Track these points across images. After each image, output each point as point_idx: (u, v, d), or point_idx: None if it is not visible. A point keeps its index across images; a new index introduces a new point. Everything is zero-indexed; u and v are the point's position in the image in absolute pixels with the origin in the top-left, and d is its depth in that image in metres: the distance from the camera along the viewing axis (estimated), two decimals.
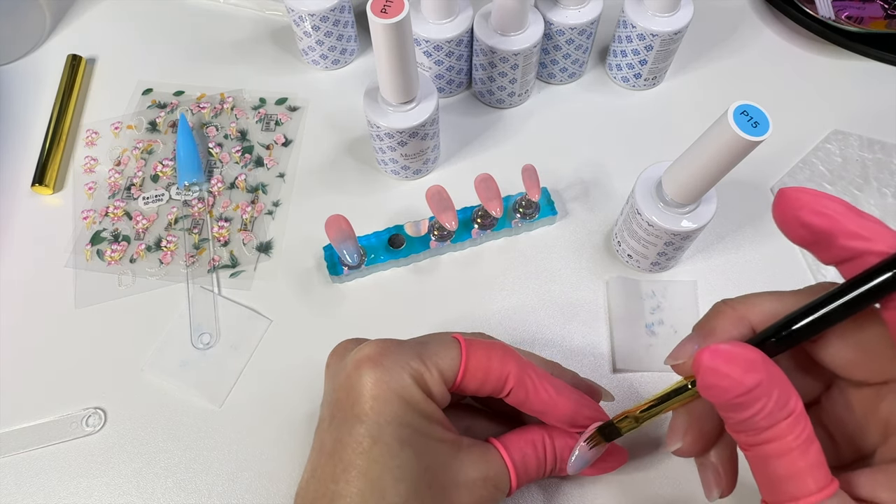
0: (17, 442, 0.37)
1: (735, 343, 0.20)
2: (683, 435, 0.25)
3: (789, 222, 0.21)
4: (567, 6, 0.44)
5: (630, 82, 0.49)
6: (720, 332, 0.23)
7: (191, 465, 0.36)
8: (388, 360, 0.27)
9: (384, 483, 0.25)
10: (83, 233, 0.43)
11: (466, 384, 0.28)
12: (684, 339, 0.24)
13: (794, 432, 0.20)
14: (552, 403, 0.29)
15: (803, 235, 0.21)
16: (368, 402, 0.26)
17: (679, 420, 0.25)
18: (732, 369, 0.19)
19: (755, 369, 0.19)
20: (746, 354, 0.20)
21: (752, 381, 0.19)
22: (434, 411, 0.28)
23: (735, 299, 0.24)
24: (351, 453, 0.26)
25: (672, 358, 0.24)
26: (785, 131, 0.46)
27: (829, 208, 0.20)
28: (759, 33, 0.53)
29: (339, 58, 0.50)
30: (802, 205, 0.20)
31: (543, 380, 0.29)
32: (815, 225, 0.20)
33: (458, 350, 0.28)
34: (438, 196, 0.39)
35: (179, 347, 0.39)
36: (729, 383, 0.19)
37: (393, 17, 0.32)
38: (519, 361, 0.29)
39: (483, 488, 0.28)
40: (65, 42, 0.53)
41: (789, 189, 0.21)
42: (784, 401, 0.20)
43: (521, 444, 0.30)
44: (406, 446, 0.26)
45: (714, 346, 0.20)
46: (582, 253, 0.42)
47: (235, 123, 0.48)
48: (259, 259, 0.42)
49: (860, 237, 0.19)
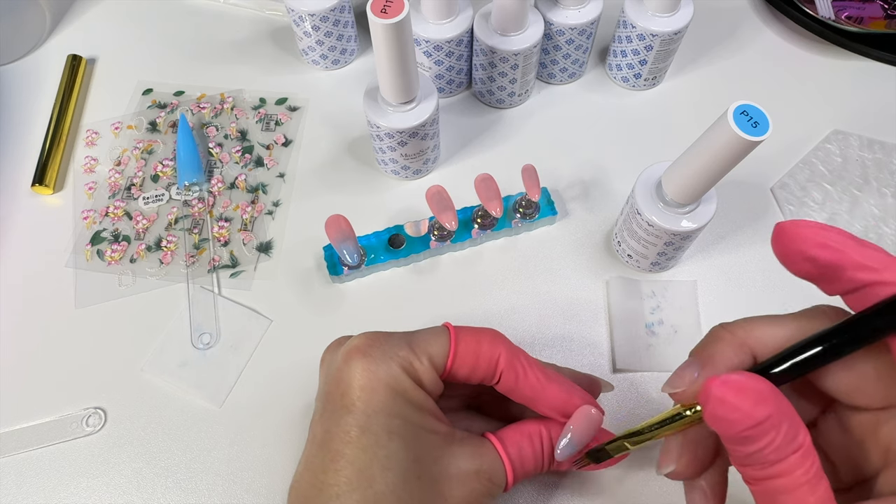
0: (17, 442, 0.37)
1: (744, 374, 0.20)
2: (678, 458, 0.25)
3: (792, 257, 0.21)
4: (567, 6, 0.44)
5: (630, 82, 0.49)
6: (720, 358, 0.23)
7: (191, 465, 0.36)
8: (377, 351, 0.27)
9: (372, 472, 0.25)
10: (83, 233, 0.43)
11: (457, 369, 0.28)
12: (682, 366, 0.24)
13: (804, 467, 0.19)
14: (542, 389, 0.29)
15: (808, 270, 0.20)
16: (356, 392, 0.26)
17: (673, 443, 0.25)
18: (742, 401, 0.19)
19: (765, 402, 0.19)
20: (757, 386, 0.19)
21: (761, 413, 0.19)
22: (424, 400, 0.28)
23: (734, 324, 0.23)
24: (339, 443, 0.26)
25: (669, 386, 0.24)
26: (785, 131, 0.46)
27: (832, 240, 0.20)
28: (759, 33, 0.53)
29: (339, 58, 0.50)
30: (805, 238, 0.20)
31: (534, 366, 0.29)
32: (821, 259, 0.20)
33: (447, 336, 0.29)
34: (438, 196, 0.39)
35: (179, 347, 0.39)
36: (738, 416, 0.19)
37: (393, 17, 0.32)
38: (508, 346, 0.29)
39: (476, 481, 0.28)
40: (65, 42, 0.53)
41: (788, 224, 0.21)
42: (793, 434, 0.19)
43: (517, 438, 0.30)
44: (394, 436, 0.26)
45: (725, 377, 0.19)
46: (582, 253, 0.42)
47: (235, 123, 0.48)
48: (259, 259, 0.42)
49: (868, 268, 0.19)
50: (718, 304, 0.40)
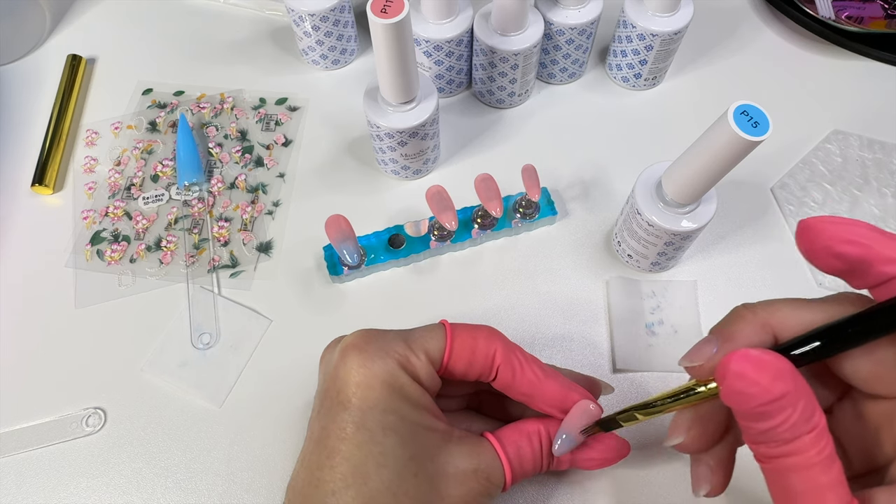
0: (17, 442, 0.37)
1: (764, 350, 0.20)
2: (687, 430, 0.25)
3: (819, 254, 0.20)
4: (567, 6, 0.44)
5: (630, 82, 0.49)
6: (741, 337, 0.22)
7: (191, 465, 0.36)
8: (372, 347, 0.27)
9: (367, 469, 0.25)
10: (83, 233, 0.43)
11: (454, 365, 0.28)
12: (701, 342, 0.23)
13: (818, 447, 0.19)
14: (539, 385, 0.29)
15: (836, 265, 0.20)
16: (352, 388, 0.26)
17: (684, 415, 0.25)
18: (761, 376, 0.19)
19: (783, 378, 0.19)
20: (776, 363, 0.19)
21: (779, 389, 0.19)
22: (421, 397, 0.28)
23: (757, 304, 0.23)
24: (335, 440, 0.26)
25: (687, 359, 0.24)
26: (785, 131, 0.46)
27: (859, 235, 0.20)
28: (759, 33, 0.53)
29: (339, 58, 0.50)
30: (831, 235, 0.20)
31: (531, 362, 0.29)
32: (849, 254, 0.20)
33: (443, 332, 0.29)
34: (438, 196, 0.39)
35: (179, 347, 0.39)
36: (756, 390, 0.19)
37: (393, 17, 0.32)
38: (505, 342, 0.29)
39: (474, 480, 0.28)
40: (65, 42, 0.53)
41: (813, 220, 0.20)
42: (809, 414, 0.19)
43: (515, 437, 0.29)
44: (390, 433, 0.26)
45: (744, 351, 0.19)
46: (582, 253, 0.42)
47: (235, 123, 0.48)
48: (259, 259, 0.42)
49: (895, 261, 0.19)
50: (718, 304, 0.40)
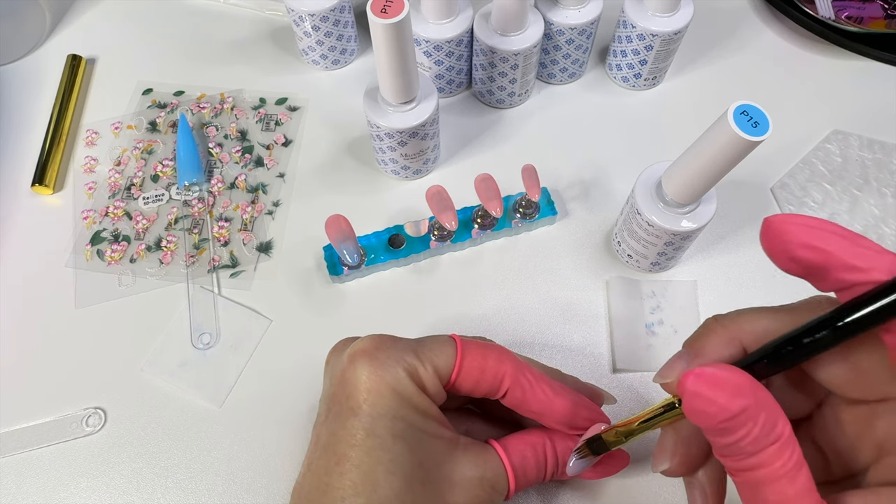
0: (17, 442, 0.37)
1: (721, 366, 0.20)
2: (671, 456, 0.25)
3: (778, 256, 0.20)
4: (567, 6, 0.44)
5: (630, 82, 0.49)
6: (710, 351, 0.23)
7: (191, 465, 0.36)
8: (383, 354, 0.27)
9: (376, 476, 0.25)
10: (83, 233, 0.43)
11: (462, 382, 0.28)
12: (673, 357, 0.24)
13: (782, 459, 0.19)
14: (549, 404, 0.29)
15: (795, 269, 0.20)
16: (362, 394, 0.26)
17: (667, 441, 0.25)
18: (717, 394, 0.19)
19: (741, 394, 0.19)
20: (733, 379, 0.19)
21: (737, 406, 0.19)
22: (429, 406, 0.28)
23: (726, 316, 0.23)
24: (344, 446, 0.26)
25: (660, 376, 0.24)
26: (785, 131, 0.46)
27: (820, 240, 0.19)
28: (759, 33, 0.53)
29: (339, 58, 0.50)
30: (791, 238, 0.19)
31: (540, 381, 0.29)
32: (807, 260, 0.19)
33: (453, 348, 0.28)
34: (438, 196, 0.39)
35: (179, 347, 0.39)
36: (714, 409, 0.19)
37: (393, 17, 0.32)
38: (515, 362, 0.29)
39: (479, 489, 0.28)
40: (65, 42, 0.53)
41: (774, 219, 0.20)
42: (770, 426, 0.19)
43: (520, 447, 0.30)
44: (399, 440, 0.26)
45: (699, 370, 0.19)
46: (582, 253, 0.42)
47: (235, 123, 0.48)
48: (259, 259, 0.42)
49: (856, 269, 0.19)
50: (718, 304, 0.40)
